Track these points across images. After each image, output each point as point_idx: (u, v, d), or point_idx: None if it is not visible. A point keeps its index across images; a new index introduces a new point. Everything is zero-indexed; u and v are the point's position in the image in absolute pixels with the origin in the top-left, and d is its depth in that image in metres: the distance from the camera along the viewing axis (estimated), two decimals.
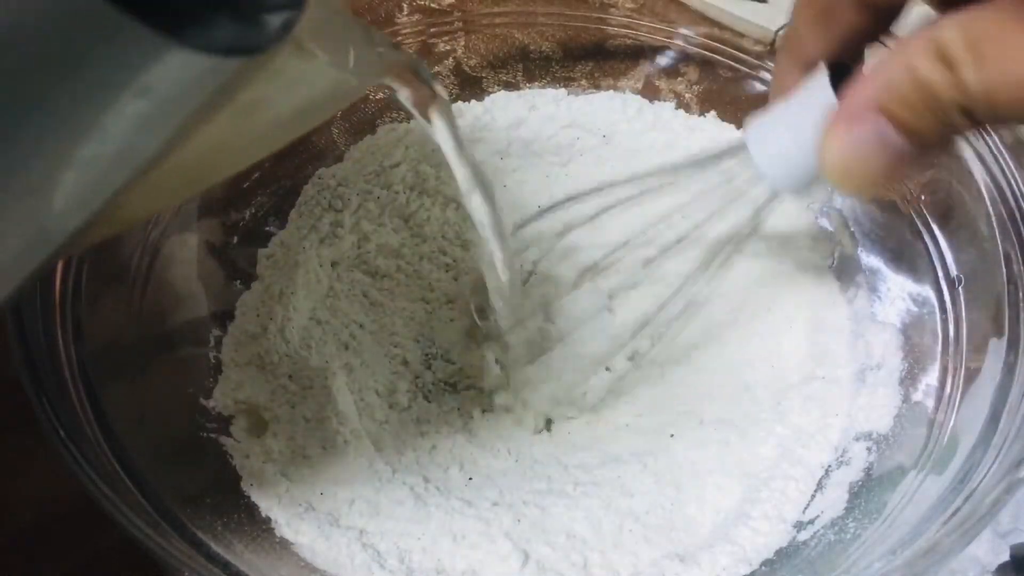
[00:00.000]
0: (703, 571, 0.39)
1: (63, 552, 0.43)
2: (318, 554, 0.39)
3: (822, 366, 0.46)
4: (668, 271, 0.44)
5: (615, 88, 0.54)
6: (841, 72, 0.32)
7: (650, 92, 0.54)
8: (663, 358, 0.49)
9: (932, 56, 0.26)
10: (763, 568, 0.40)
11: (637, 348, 0.48)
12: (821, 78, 0.32)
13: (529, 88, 0.54)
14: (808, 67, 0.33)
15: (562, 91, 0.54)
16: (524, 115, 0.53)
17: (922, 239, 0.45)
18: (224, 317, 0.47)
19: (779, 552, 0.40)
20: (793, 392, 0.45)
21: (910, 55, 0.26)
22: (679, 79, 0.53)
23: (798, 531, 0.41)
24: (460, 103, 0.53)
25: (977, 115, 0.26)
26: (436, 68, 0.53)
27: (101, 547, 0.44)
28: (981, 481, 0.34)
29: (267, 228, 0.50)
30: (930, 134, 0.27)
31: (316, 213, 0.50)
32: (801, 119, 0.32)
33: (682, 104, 0.53)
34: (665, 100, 0.53)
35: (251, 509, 0.40)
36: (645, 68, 0.54)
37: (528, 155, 0.53)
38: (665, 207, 0.41)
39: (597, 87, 0.54)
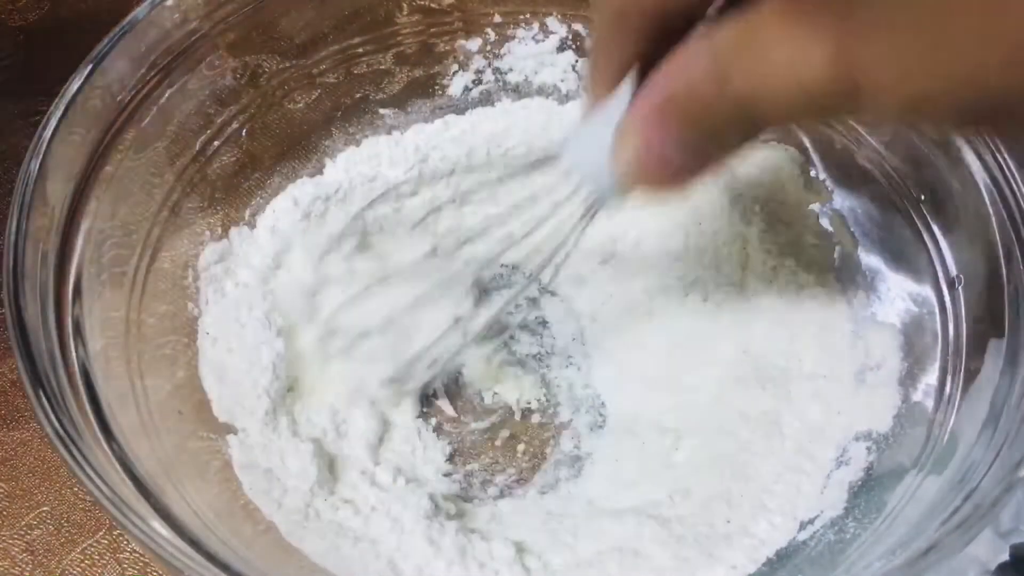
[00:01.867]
0: (706, 571, 0.39)
1: (63, 552, 0.43)
2: (317, 557, 0.39)
3: (822, 366, 0.46)
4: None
5: None
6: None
7: None
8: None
9: (706, 65, 0.25)
10: (763, 568, 0.40)
11: None
12: (627, 85, 0.31)
13: None
14: (619, 73, 0.31)
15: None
16: (518, 123, 0.53)
17: (922, 239, 0.44)
18: None
19: (779, 552, 0.40)
20: (793, 392, 0.45)
21: (689, 61, 0.25)
22: None
23: (798, 531, 0.41)
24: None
25: (744, 126, 0.25)
26: (436, 68, 0.53)
27: (101, 547, 0.44)
28: (981, 481, 0.34)
29: None
30: (704, 144, 0.27)
31: None
32: (606, 127, 0.31)
33: None
34: None
35: (252, 512, 0.40)
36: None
37: (526, 166, 0.52)
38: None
39: None
